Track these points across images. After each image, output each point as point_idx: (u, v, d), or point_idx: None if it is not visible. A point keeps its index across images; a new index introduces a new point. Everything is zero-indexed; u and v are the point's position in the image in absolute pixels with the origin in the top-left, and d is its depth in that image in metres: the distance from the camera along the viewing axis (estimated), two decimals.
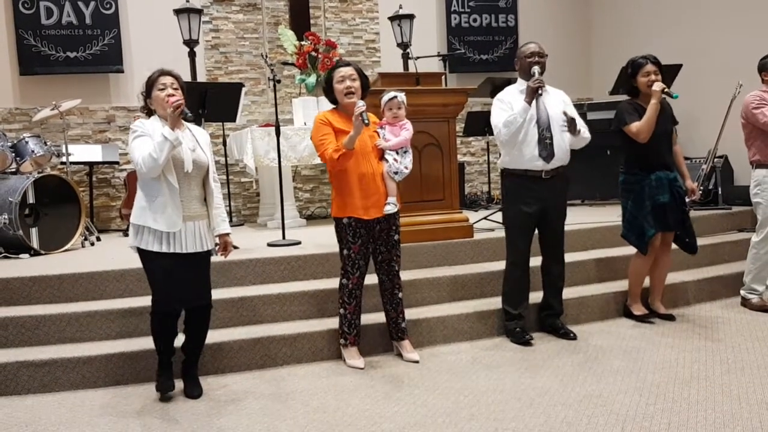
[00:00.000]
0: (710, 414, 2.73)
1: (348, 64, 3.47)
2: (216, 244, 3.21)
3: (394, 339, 3.64)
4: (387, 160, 3.43)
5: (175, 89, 2.99)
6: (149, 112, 3.07)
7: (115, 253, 4.56)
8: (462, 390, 3.12)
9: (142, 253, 3.00)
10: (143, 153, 2.87)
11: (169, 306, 3.03)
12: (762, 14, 6.10)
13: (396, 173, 3.42)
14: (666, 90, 3.80)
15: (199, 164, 3.04)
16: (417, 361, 3.51)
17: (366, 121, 3.19)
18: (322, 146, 3.35)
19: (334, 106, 3.52)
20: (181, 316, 3.14)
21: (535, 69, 3.61)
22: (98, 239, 5.40)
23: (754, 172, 4.26)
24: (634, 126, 3.82)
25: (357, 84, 3.40)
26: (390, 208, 3.41)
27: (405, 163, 3.44)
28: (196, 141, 3.10)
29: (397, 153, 3.45)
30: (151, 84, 3.02)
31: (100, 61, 6.48)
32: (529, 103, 3.59)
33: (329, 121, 3.39)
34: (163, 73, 3.03)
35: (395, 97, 3.49)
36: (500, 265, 4.04)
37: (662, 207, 3.88)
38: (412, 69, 6.29)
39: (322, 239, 4.87)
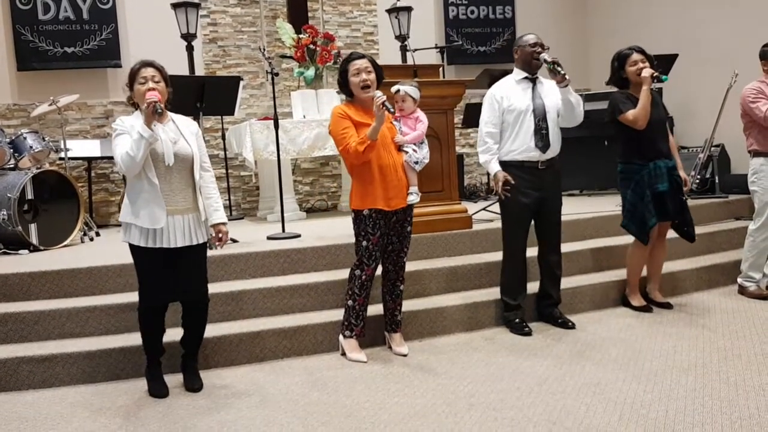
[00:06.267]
0: (707, 401, 2.75)
1: (362, 56, 3.43)
2: (211, 236, 3.20)
3: (387, 330, 3.64)
4: (407, 151, 3.46)
5: (157, 82, 2.96)
6: (135, 104, 3.05)
7: (114, 248, 4.56)
8: (461, 380, 3.14)
9: (132, 248, 3.01)
10: (122, 152, 2.86)
11: (154, 300, 3.04)
12: (756, 2, 6.08)
13: (416, 163, 3.46)
14: (655, 74, 3.80)
15: (182, 156, 3.01)
16: (405, 355, 3.51)
17: (392, 110, 3.21)
18: (344, 140, 3.32)
19: (348, 99, 3.49)
20: (176, 311, 3.15)
21: (544, 55, 3.63)
22: (97, 234, 5.41)
23: (751, 161, 4.26)
24: (631, 114, 3.82)
25: (372, 76, 3.37)
26: (413, 198, 3.44)
27: (423, 154, 3.50)
28: (180, 132, 3.06)
29: (415, 144, 3.49)
30: (132, 76, 3.00)
31: (98, 56, 6.46)
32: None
33: (347, 114, 3.36)
34: (144, 64, 3.00)
35: (398, 90, 3.53)
36: (499, 256, 4.05)
37: (661, 196, 3.89)
38: (410, 61, 6.29)
39: (322, 232, 4.88)
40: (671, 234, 4.18)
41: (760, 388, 2.85)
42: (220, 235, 3.19)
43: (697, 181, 5.46)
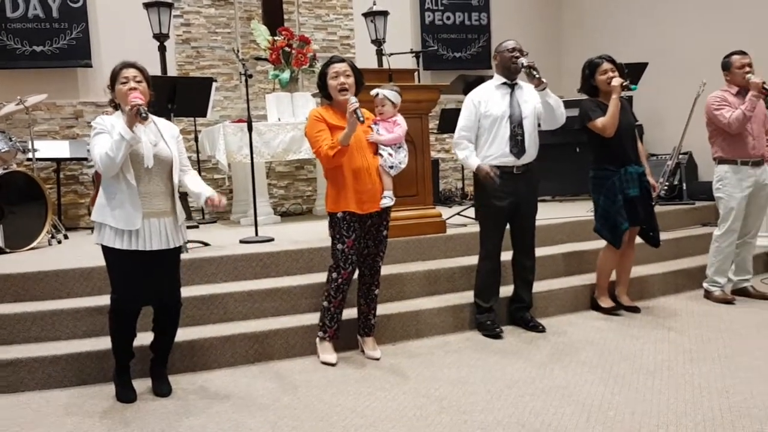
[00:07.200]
0: (672, 403, 2.80)
1: (342, 60, 3.44)
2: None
3: (360, 334, 3.64)
4: (382, 155, 3.45)
5: (138, 82, 2.94)
6: (116, 105, 3.02)
7: (82, 251, 4.49)
8: (433, 383, 3.15)
9: (105, 249, 2.97)
10: (101, 151, 2.82)
11: (128, 303, 3.00)
12: (724, 13, 6.23)
13: (391, 167, 3.44)
14: (624, 83, 3.88)
15: (161, 159, 2.99)
16: (378, 359, 3.52)
17: (360, 119, 3.20)
18: (317, 143, 3.34)
19: (327, 102, 3.50)
20: (145, 315, 3.11)
21: (522, 60, 3.68)
22: (66, 237, 5.32)
23: (716, 168, 4.36)
24: (599, 121, 3.90)
25: (351, 80, 3.38)
26: (387, 201, 3.42)
27: (399, 158, 3.47)
28: (161, 135, 3.05)
29: (392, 148, 3.47)
30: (114, 77, 2.96)
31: (68, 55, 6.36)
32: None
33: (323, 117, 3.38)
34: (126, 65, 2.97)
35: (377, 94, 3.52)
36: (472, 260, 4.09)
37: (632, 201, 3.96)
38: (386, 65, 6.30)
39: (296, 236, 4.87)
40: (640, 239, 4.26)
41: (723, 390, 2.91)
42: (216, 202, 3.07)
43: (666, 187, 5.57)
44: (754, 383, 2.97)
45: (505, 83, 3.81)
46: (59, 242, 5.14)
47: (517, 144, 3.72)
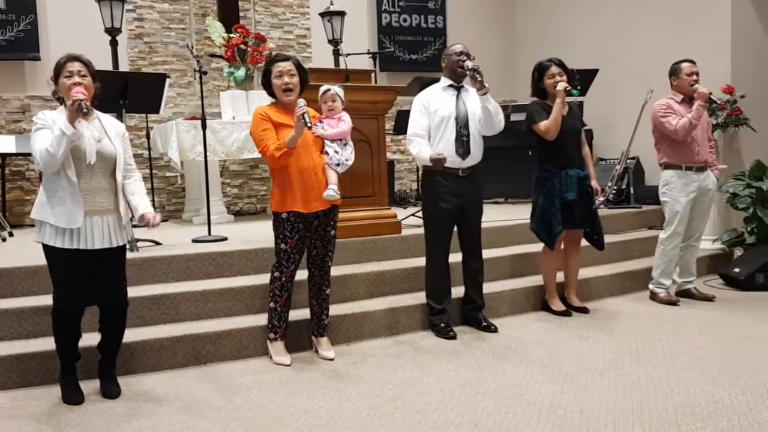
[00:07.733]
0: (620, 401, 2.88)
1: (287, 59, 3.41)
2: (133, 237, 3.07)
3: (314, 335, 3.64)
4: (328, 153, 3.43)
5: (83, 77, 2.86)
6: (60, 98, 2.93)
7: (28, 249, 4.34)
8: (386, 383, 3.17)
9: (45, 248, 2.88)
10: (41, 147, 2.75)
11: (71, 304, 2.91)
12: (673, 22, 6.45)
13: (338, 165, 3.43)
14: (568, 88, 3.98)
15: (104, 156, 2.91)
16: (332, 359, 3.51)
17: (308, 124, 3.17)
18: (262, 142, 3.32)
19: (273, 100, 3.47)
20: (93, 314, 3.04)
21: (468, 63, 3.73)
22: (11, 235, 5.15)
23: (662, 173, 4.51)
24: (542, 124, 4.00)
25: (295, 80, 3.36)
26: (331, 194, 3.34)
27: (346, 155, 3.46)
28: (105, 131, 2.97)
29: (337, 145, 3.45)
30: (58, 70, 2.88)
31: (15, 47, 6.14)
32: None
33: (268, 116, 3.35)
34: (71, 58, 2.89)
35: (329, 90, 3.51)
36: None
37: (570, 204, 4.06)
38: (342, 66, 6.30)
39: (250, 235, 4.82)
40: (586, 241, 4.37)
41: (668, 389, 3.01)
42: (150, 221, 3.02)
43: (614, 191, 5.73)
44: (696, 382, 3.08)
45: (452, 85, 3.87)
46: (3, 240, 4.98)
47: (462, 145, 3.77)
